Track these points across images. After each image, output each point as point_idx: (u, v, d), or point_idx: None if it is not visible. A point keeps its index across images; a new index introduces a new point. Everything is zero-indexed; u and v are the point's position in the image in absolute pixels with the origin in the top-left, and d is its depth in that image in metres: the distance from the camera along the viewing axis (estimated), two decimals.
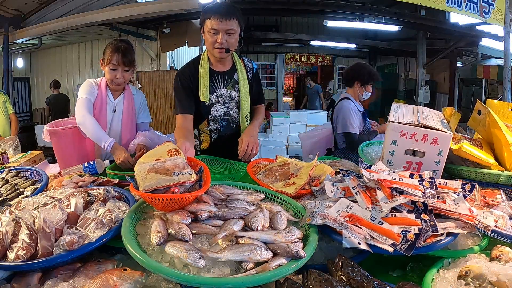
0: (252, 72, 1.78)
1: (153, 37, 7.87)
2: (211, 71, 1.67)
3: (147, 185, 0.82)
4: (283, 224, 0.81)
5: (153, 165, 0.91)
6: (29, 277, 0.70)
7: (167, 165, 0.90)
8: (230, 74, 1.71)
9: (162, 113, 6.65)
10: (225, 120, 1.74)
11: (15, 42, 7.04)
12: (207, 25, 1.55)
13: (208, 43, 1.59)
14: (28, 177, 1.33)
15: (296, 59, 10.28)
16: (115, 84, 1.76)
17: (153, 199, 0.82)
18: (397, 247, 0.74)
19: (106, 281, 0.62)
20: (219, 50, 1.57)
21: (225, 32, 1.53)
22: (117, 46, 1.71)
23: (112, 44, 1.74)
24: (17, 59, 8.46)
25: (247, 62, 1.78)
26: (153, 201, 0.83)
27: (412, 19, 6.36)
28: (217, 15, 1.51)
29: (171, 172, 0.86)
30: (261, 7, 5.98)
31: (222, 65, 1.70)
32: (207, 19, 1.54)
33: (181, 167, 0.90)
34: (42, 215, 0.76)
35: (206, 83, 1.65)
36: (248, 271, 0.65)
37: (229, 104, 1.72)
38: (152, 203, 0.85)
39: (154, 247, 0.71)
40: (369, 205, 0.87)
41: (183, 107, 1.63)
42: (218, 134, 1.75)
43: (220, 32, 1.53)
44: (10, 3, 6.30)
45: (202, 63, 1.68)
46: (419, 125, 1.19)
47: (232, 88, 1.72)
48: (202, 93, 1.65)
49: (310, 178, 1.15)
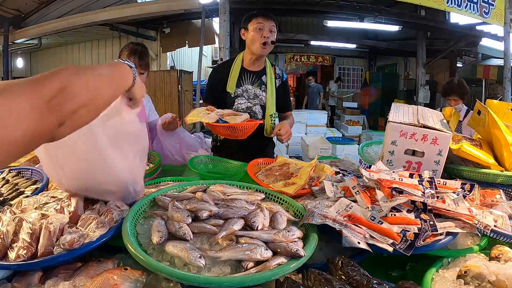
0: (281, 80, 1.94)
1: (153, 37, 7.88)
2: (242, 68, 1.86)
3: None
4: (283, 223, 0.81)
5: (217, 112, 1.55)
6: (30, 277, 0.70)
7: (227, 112, 1.58)
8: (259, 75, 1.88)
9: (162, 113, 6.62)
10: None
11: (15, 42, 7.05)
12: (253, 23, 1.76)
13: (252, 40, 1.77)
14: (29, 177, 1.33)
15: (296, 59, 10.29)
16: None
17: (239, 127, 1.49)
18: (397, 247, 0.74)
19: (107, 280, 0.62)
20: (263, 46, 1.74)
21: (269, 29, 1.75)
22: (134, 49, 1.75)
23: (129, 47, 1.78)
24: (17, 59, 8.47)
25: (278, 70, 1.94)
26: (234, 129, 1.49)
27: (412, 19, 6.37)
28: (262, 15, 1.77)
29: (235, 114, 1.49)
30: (261, 7, 5.99)
31: (254, 66, 1.87)
32: (253, 19, 1.76)
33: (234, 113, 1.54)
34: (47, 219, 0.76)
35: (235, 77, 1.84)
36: (248, 270, 0.66)
37: (253, 100, 1.87)
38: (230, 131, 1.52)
39: (154, 246, 0.72)
40: (368, 205, 0.87)
41: (205, 97, 1.94)
42: None
43: (265, 28, 1.74)
44: (10, 3, 6.30)
45: (236, 61, 1.87)
46: (419, 125, 1.20)
47: (258, 87, 1.88)
48: (230, 84, 1.84)
49: (310, 178, 1.16)
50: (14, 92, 0.43)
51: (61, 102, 0.49)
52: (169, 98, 6.76)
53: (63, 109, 0.50)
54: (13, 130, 0.42)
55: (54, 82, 0.49)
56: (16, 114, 0.42)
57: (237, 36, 7.98)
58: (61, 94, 0.49)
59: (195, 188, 1.01)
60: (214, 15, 6.02)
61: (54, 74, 0.50)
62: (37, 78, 0.49)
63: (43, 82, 0.48)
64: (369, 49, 10.26)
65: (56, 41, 7.84)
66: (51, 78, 0.49)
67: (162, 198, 0.91)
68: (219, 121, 1.51)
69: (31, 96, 0.45)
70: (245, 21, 1.81)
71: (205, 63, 10.66)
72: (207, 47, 10.51)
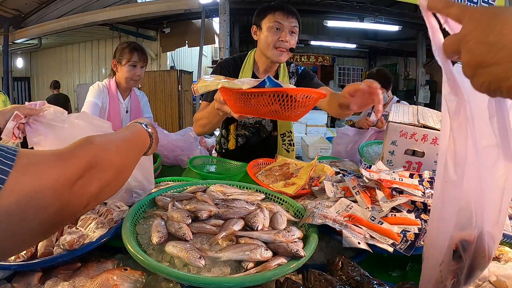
0: (297, 74, 1.58)
1: (153, 37, 7.88)
2: (253, 75, 1.50)
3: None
4: (283, 224, 0.81)
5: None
6: (30, 277, 0.70)
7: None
8: None
9: (162, 113, 6.65)
10: (255, 128, 1.64)
11: (15, 42, 7.05)
12: (268, 20, 1.37)
13: (266, 42, 1.38)
14: None
15: (296, 59, 10.28)
16: (133, 81, 1.84)
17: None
18: (397, 247, 0.74)
19: (107, 281, 0.62)
20: (280, 50, 1.38)
21: (289, 30, 1.37)
22: (134, 45, 1.82)
23: (125, 44, 1.83)
24: (17, 59, 8.47)
25: (292, 68, 1.58)
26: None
27: (412, 19, 6.37)
28: (281, 11, 1.36)
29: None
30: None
31: (267, 74, 1.48)
32: (268, 15, 1.37)
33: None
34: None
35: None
36: (248, 271, 0.66)
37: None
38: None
39: (154, 246, 0.72)
40: (369, 205, 0.87)
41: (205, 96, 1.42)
42: (245, 140, 1.66)
43: (284, 29, 1.36)
44: (10, 3, 6.31)
45: (247, 62, 1.51)
46: (419, 125, 1.20)
47: None
48: None
49: (310, 178, 1.15)
50: (39, 172, 0.38)
51: (87, 183, 0.44)
52: (169, 98, 6.76)
53: (88, 191, 0.44)
54: (30, 220, 0.37)
55: (81, 161, 0.44)
56: (35, 203, 0.37)
57: (237, 36, 7.99)
58: (88, 175, 0.44)
59: (195, 188, 1.01)
60: (214, 15, 6.03)
61: (80, 149, 0.45)
62: (62, 154, 0.43)
63: (69, 161, 0.42)
64: (369, 49, 10.26)
65: (56, 41, 7.84)
66: (77, 156, 0.44)
67: (162, 198, 0.91)
68: (262, 85, 0.88)
69: (54, 179, 0.40)
70: (258, 16, 1.42)
71: (205, 63, 10.66)
72: (207, 47, 10.51)
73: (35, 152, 0.41)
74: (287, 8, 1.37)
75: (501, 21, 0.30)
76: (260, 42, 1.43)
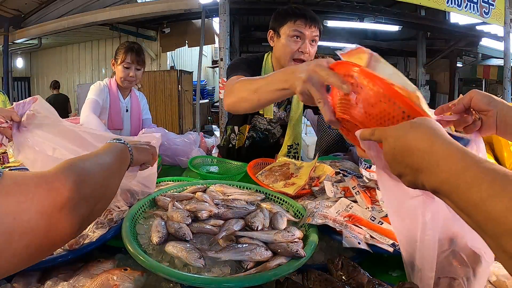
0: None
1: (153, 37, 7.88)
2: None
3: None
4: (283, 224, 0.81)
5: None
6: (30, 277, 0.70)
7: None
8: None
9: (162, 113, 6.66)
10: (264, 134, 1.64)
11: (15, 42, 7.05)
12: (288, 27, 1.30)
13: (284, 52, 1.32)
14: None
15: None
16: (128, 82, 1.85)
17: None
18: (397, 247, 0.74)
19: (106, 281, 0.62)
20: (299, 62, 1.30)
21: (310, 39, 1.30)
22: (130, 46, 1.83)
23: (125, 45, 1.85)
24: (17, 59, 8.47)
25: None
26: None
27: (412, 19, 6.37)
28: (303, 18, 1.28)
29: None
30: (261, 7, 5.99)
31: None
32: (288, 22, 1.30)
33: None
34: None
35: None
36: (248, 271, 0.66)
37: (275, 124, 1.60)
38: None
39: (154, 246, 0.72)
40: (369, 205, 0.87)
41: (242, 73, 1.25)
42: (253, 142, 1.65)
43: (305, 38, 1.28)
44: (10, 3, 6.30)
45: (265, 66, 1.43)
46: None
47: (284, 109, 1.56)
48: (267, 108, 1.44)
49: (310, 178, 1.15)
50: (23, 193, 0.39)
51: (76, 207, 0.44)
52: (169, 98, 6.76)
53: (78, 213, 0.44)
54: (16, 242, 0.37)
55: (65, 185, 0.43)
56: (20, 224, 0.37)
57: (237, 36, 7.99)
58: (77, 196, 0.44)
59: (195, 188, 1.01)
60: (214, 15, 6.03)
61: (63, 173, 0.45)
62: (47, 177, 0.43)
63: (53, 184, 0.42)
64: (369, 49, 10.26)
65: (56, 41, 7.84)
66: (61, 179, 0.43)
67: (162, 198, 0.91)
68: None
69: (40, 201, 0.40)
70: (277, 21, 1.34)
71: (205, 63, 10.66)
72: (207, 47, 10.51)
73: (20, 174, 0.41)
74: (309, 15, 1.30)
75: (405, 145, 0.46)
76: (276, 49, 1.36)
